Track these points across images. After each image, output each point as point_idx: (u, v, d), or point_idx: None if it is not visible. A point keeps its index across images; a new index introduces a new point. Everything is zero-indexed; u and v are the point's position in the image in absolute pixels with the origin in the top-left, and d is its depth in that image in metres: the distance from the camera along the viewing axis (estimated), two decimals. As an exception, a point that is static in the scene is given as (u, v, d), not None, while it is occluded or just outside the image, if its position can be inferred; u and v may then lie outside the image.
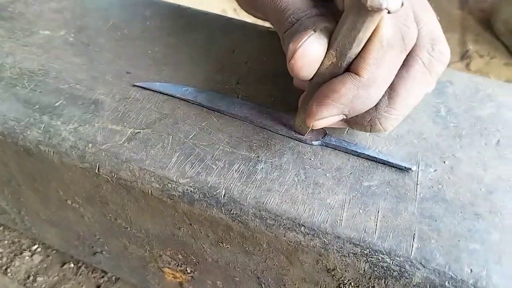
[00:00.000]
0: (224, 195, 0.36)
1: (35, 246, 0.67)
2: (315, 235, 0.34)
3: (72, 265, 0.65)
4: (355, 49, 0.30)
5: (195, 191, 0.36)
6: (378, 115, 0.33)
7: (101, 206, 0.45)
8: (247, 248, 0.39)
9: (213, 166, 0.38)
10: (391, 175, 0.37)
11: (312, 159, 0.38)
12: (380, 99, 0.32)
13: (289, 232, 0.34)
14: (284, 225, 0.34)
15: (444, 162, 0.38)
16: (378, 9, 0.26)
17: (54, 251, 0.67)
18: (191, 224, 0.39)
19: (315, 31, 0.31)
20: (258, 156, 0.38)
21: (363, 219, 0.34)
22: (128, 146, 0.39)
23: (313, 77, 0.32)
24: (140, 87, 0.45)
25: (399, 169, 0.37)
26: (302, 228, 0.34)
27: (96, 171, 0.39)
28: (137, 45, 0.50)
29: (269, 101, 0.43)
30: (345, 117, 0.34)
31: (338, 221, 0.34)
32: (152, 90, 0.44)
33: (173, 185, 0.37)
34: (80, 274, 0.64)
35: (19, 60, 0.48)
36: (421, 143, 0.39)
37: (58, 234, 0.58)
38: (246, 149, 0.39)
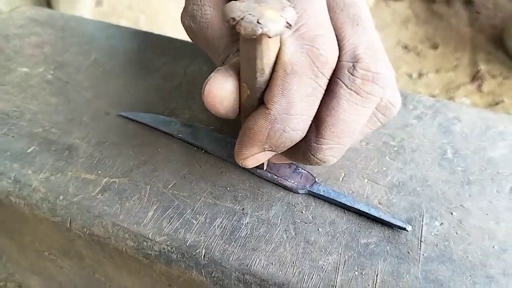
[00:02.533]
0: (204, 256, 0.32)
1: (21, 291, 0.63)
2: (305, 303, 0.30)
3: (59, 311, 0.61)
4: (261, 79, 0.27)
5: (172, 250, 0.33)
6: (309, 146, 0.30)
7: (77, 260, 0.41)
8: (231, 314, 0.35)
9: (193, 221, 0.34)
10: (391, 230, 0.33)
11: (303, 212, 0.34)
12: (309, 129, 0.29)
13: (276, 299, 0.30)
14: (270, 291, 0.31)
15: (452, 214, 0.34)
16: (254, 35, 0.23)
17: (41, 296, 0.63)
18: (170, 285, 0.36)
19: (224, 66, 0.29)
20: (243, 209, 0.35)
21: (360, 285, 0.30)
22: (101, 198, 0.36)
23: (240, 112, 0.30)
24: (125, 117, 0.42)
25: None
26: (290, 295, 0.30)
27: (68, 225, 0.36)
28: (118, 82, 0.46)
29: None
30: (275, 153, 0.31)
31: (332, 287, 0.30)
32: (135, 123, 0.42)
33: (149, 244, 0.33)
34: (67, 322, 0.60)
35: (-6, 101, 0.45)
36: (426, 191, 0.35)
37: (41, 282, 0.54)
38: (230, 200, 0.35)
